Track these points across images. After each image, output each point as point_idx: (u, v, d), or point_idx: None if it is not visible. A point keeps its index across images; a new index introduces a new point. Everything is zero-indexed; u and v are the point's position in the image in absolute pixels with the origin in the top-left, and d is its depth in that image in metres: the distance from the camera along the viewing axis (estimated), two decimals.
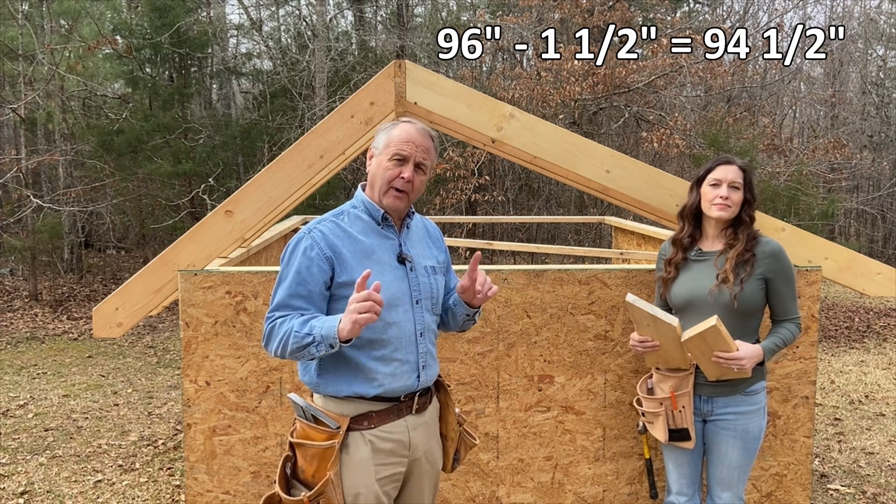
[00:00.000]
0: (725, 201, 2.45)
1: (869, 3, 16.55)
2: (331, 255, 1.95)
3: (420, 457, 2.08)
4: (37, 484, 3.99)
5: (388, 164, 1.99)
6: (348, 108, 2.98)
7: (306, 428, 1.98)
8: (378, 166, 2.02)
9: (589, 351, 2.98)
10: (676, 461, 2.58)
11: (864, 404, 5.59)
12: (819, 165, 10.37)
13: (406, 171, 1.98)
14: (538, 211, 12.48)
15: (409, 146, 1.99)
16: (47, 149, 10.68)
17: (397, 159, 1.99)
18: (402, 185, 1.99)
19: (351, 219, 2.03)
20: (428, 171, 2.06)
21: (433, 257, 2.16)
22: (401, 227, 2.08)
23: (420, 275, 2.07)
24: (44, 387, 5.95)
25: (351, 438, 1.96)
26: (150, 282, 2.92)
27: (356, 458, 1.96)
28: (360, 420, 1.97)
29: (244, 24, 13.93)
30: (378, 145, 2.04)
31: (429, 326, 2.08)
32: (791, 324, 2.48)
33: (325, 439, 1.94)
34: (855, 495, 3.91)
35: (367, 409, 1.98)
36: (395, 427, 2.01)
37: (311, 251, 1.94)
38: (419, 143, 2.00)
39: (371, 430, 1.98)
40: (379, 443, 1.99)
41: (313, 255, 1.94)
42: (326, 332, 1.82)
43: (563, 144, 3.07)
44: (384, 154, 2.01)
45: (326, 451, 1.93)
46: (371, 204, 2.04)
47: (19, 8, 10.08)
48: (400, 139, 1.99)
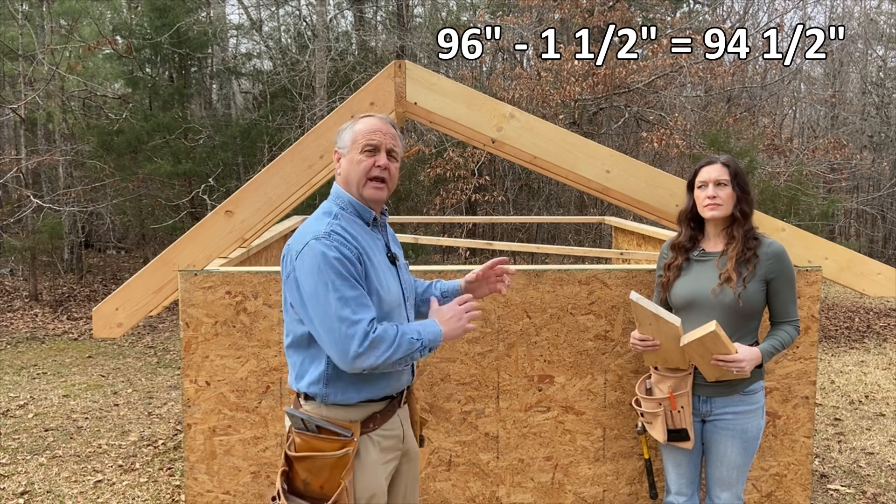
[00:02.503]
0: (714, 200, 2.47)
1: (869, 3, 16.55)
2: (359, 253, 1.91)
3: (409, 448, 2.13)
4: (37, 484, 3.99)
5: (360, 157, 1.97)
6: (348, 109, 2.98)
7: (310, 440, 1.92)
8: (350, 162, 1.99)
9: (589, 351, 2.98)
10: (675, 461, 2.58)
11: (864, 404, 5.59)
12: (819, 165, 10.37)
13: (380, 159, 1.97)
14: (538, 211, 12.48)
15: (377, 135, 1.97)
16: (47, 149, 10.69)
17: (368, 150, 1.97)
18: (379, 173, 1.97)
19: (347, 221, 1.98)
20: (399, 158, 2.04)
21: (402, 253, 2.20)
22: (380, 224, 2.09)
23: (403, 272, 2.10)
24: (44, 387, 5.95)
25: (361, 443, 1.95)
26: (150, 282, 2.92)
27: (368, 462, 1.95)
28: (367, 423, 1.97)
29: (244, 24, 13.93)
30: (344, 143, 2.01)
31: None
32: (790, 326, 2.48)
33: (337, 448, 1.90)
34: (855, 495, 3.91)
35: (373, 411, 1.99)
36: (393, 423, 2.04)
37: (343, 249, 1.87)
38: (386, 131, 1.99)
39: (376, 431, 1.99)
40: (384, 442, 2.00)
41: (346, 252, 1.87)
42: (433, 338, 1.90)
43: (563, 144, 3.07)
44: (353, 149, 1.99)
45: (340, 460, 1.89)
46: (361, 206, 2.00)
47: (19, 8, 10.08)
48: (367, 130, 1.98)
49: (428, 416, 2.95)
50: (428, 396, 2.94)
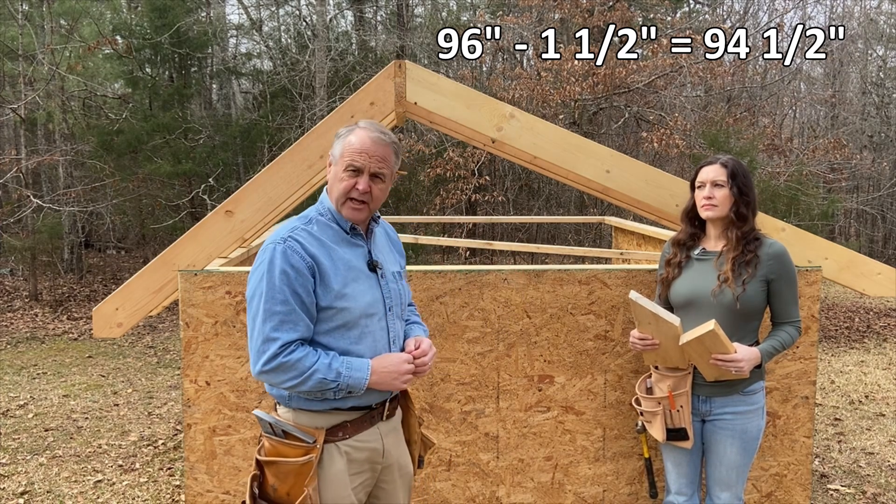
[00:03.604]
0: (710, 201, 2.48)
1: (869, 3, 16.56)
2: (312, 265, 1.88)
3: (392, 464, 2.05)
4: (37, 484, 3.99)
5: (342, 175, 1.93)
6: (348, 109, 2.98)
7: (277, 445, 1.90)
8: (334, 177, 1.96)
9: (589, 351, 2.98)
10: (675, 461, 2.58)
11: (864, 404, 5.59)
12: (819, 165, 10.36)
13: (361, 183, 1.92)
14: (538, 211, 12.48)
15: (362, 157, 1.91)
16: (47, 149, 10.69)
17: (351, 170, 1.92)
18: (358, 195, 1.92)
19: (321, 226, 1.95)
20: (388, 178, 1.99)
21: (397, 262, 2.14)
22: (367, 233, 2.04)
23: (389, 281, 2.04)
24: (44, 387, 5.95)
25: (326, 451, 1.90)
26: (150, 282, 2.92)
27: (332, 472, 1.90)
28: (335, 431, 1.91)
29: (244, 24, 13.93)
30: (335, 153, 1.97)
31: (399, 334, 2.05)
32: (791, 327, 2.48)
33: (301, 455, 1.87)
34: (855, 495, 3.91)
35: (342, 420, 1.93)
36: (369, 435, 1.97)
37: (293, 258, 1.85)
38: (373, 153, 1.92)
39: (346, 441, 1.93)
40: (354, 453, 1.94)
41: (296, 262, 1.85)
42: (354, 384, 1.85)
43: (563, 144, 3.07)
44: (339, 164, 1.94)
45: (303, 466, 1.86)
46: (338, 214, 1.97)
47: (19, 8, 10.08)
48: (353, 149, 1.92)
49: (428, 415, 2.94)
50: (428, 396, 2.94)
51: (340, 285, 1.89)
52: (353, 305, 1.90)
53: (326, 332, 1.90)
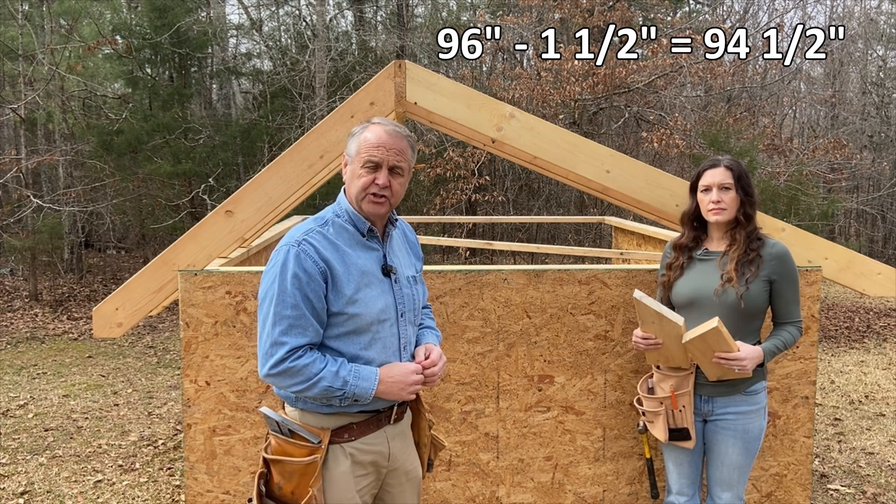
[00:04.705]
0: (718, 205, 2.46)
1: (869, 3, 16.56)
2: (325, 269, 1.86)
3: (398, 468, 2.04)
4: (37, 484, 3.99)
5: (361, 172, 1.91)
6: (348, 109, 2.98)
7: (283, 443, 1.91)
8: (352, 175, 1.93)
9: (589, 351, 2.98)
10: (677, 461, 2.58)
11: (864, 404, 5.59)
12: (819, 165, 10.36)
13: (380, 178, 1.90)
14: (538, 211, 12.48)
15: (379, 151, 1.89)
16: (47, 149, 10.68)
17: (369, 166, 1.90)
18: (378, 190, 1.90)
19: (336, 229, 1.93)
20: (406, 172, 1.96)
21: (412, 265, 2.11)
22: (384, 235, 2.01)
23: (403, 286, 2.01)
24: (44, 387, 5.95)
25: (331, 452, 1.89)
26: (150, 282, 2.92)
27: (336, 473, 1.90)
28: (341, 433, 1.91)
29: (244, 24, 13.93)
30: (350, 152, 1.95)
31: (410, 340, 2.03)
32: (792, 327, 2.48)
33: (306, 455, 1.87)
34: (855, 495, 3.91)
35: (348, 422, 1.92)
36: (375, 438, 1.96)
37: (306, 262, 1.84)
38: (391, 147, 1.90)
39: (351, 443, 1.92)
40: (359, 455, 1.93)
41: (308, 267, 1.84)
42: (360, 393, 1.85)
43: (563, 144, 3.07)
44: (356, 161, 1.92)
45: (308, 467, 1.86)
46: (356, 215, 1.95)
47: (19, 8, 10.07)
48: (370, 144, 1.90)
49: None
50: (428, 396, 2.93)
51: (352, 291, 1.87)
52: (364, 311, 1.88)
53: (336, 336, 1.89)
